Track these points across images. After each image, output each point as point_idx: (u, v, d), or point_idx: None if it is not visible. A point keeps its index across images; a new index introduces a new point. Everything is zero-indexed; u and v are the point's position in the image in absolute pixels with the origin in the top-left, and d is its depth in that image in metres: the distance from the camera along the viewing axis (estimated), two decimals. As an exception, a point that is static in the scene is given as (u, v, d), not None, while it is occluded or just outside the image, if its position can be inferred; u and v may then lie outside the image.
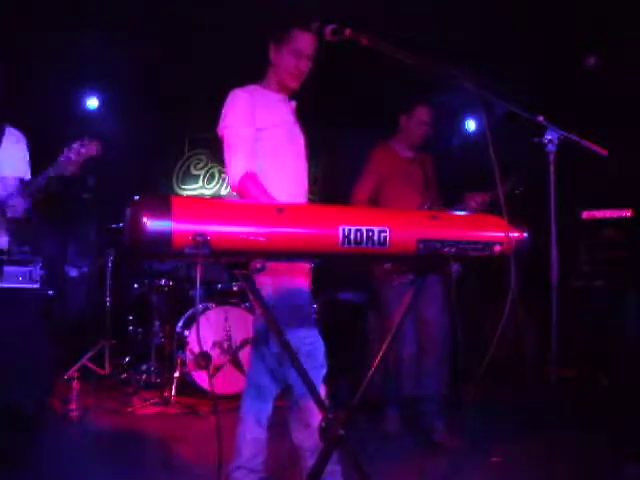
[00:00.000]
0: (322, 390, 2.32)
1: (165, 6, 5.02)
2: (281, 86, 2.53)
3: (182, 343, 4.60)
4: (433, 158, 3.86)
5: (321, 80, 2.54)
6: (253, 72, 2.56)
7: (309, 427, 2.28)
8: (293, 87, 2.52)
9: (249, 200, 2.20)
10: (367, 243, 1.69)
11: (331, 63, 2.52)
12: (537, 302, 2.53)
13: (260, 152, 2.39)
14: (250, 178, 2.29)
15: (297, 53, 2.44)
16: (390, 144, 3.75)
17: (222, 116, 2.42)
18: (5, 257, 3.10)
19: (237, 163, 2.32)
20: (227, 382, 4.44)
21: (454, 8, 4.72)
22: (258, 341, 2.54)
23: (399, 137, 3.73)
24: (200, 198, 5.18)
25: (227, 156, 2.36)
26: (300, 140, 2.57)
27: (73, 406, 3.94)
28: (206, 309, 4.64)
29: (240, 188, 2.29)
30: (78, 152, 2.87)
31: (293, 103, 2.59)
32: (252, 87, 2.50)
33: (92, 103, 6.33)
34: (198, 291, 4.55)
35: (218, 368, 4.47)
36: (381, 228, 1.71)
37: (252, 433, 2.46)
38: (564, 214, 2.30)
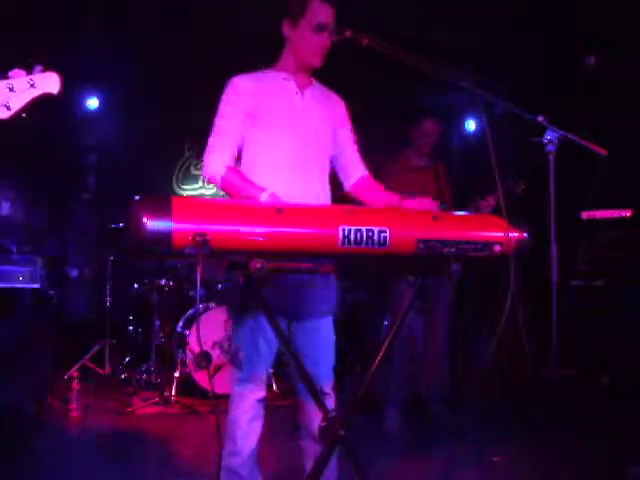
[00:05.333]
0: None
1: (165, 6, 5.02)
2: (300, 66, 2.32)
3: (182, 343, 4.59)
4: (446, 166, 3.94)
5: (318, 79, 2.51)
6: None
7: (307, 431, 2.26)
8: (316, 65, 2.29)
9: (249, 200, 2.17)
10: (367, 243, 1.69)
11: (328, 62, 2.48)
12: (537, 302, 2.53)
13: (256, 139, 2.26)
14: (232, 172, 2.19)
15: (318, 27, 2.20)
16: (403, 154, 3.88)
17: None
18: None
19: (217, 158, 2.21)
20: (227, 382, 4.40)
21: (455, 8, 4.73)
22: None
23: (410, 148, 3.87)
24: (200, 198, 5.17)
25: (209, 146, 2.25)
26: (308, 124, 2.31)
27: (73, 406, 3.94)
28: (206, 309, 4.64)
29: (224, 185, 2.19)
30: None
31: (312, 83, 2.37)
32: (257, 73, 2.33)
33: (92, 103, 6.33)
34: (198, 291, 4.54)
35: (218, 368, 4.46)
36: (381, 228, 1.71)
37: (244, 417, 2.35)
38: (564, 214, 2.30)
